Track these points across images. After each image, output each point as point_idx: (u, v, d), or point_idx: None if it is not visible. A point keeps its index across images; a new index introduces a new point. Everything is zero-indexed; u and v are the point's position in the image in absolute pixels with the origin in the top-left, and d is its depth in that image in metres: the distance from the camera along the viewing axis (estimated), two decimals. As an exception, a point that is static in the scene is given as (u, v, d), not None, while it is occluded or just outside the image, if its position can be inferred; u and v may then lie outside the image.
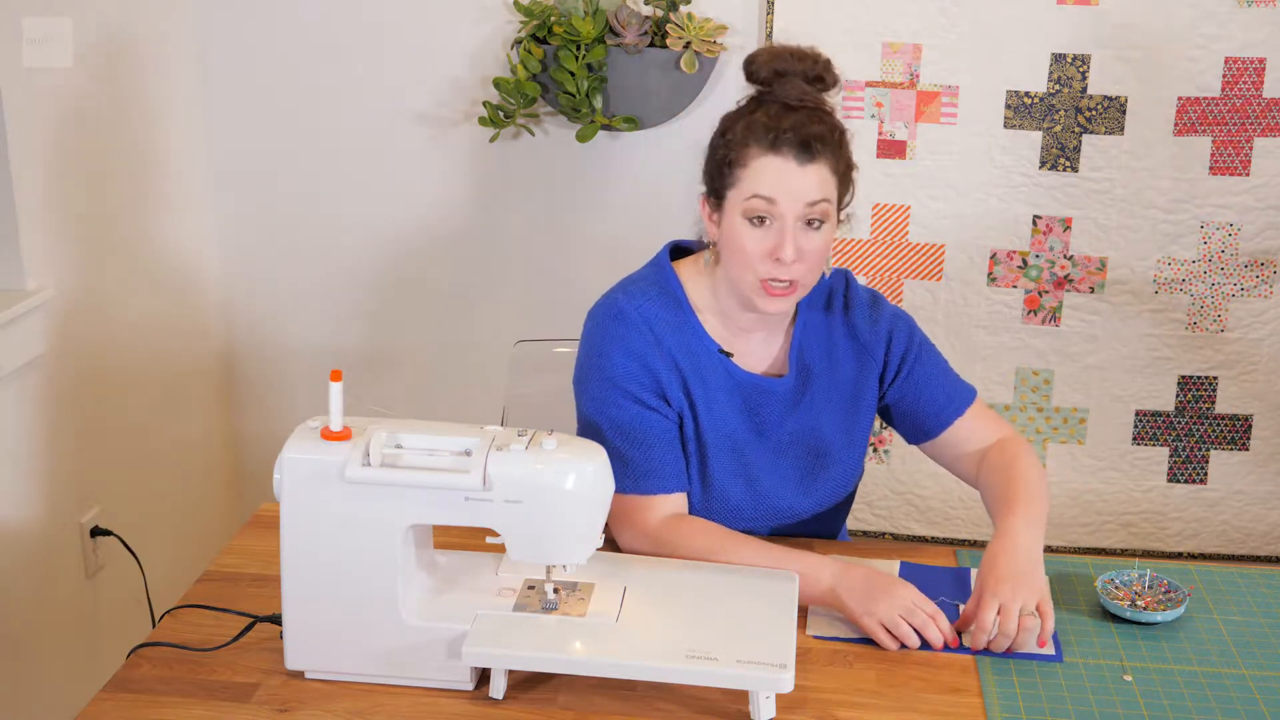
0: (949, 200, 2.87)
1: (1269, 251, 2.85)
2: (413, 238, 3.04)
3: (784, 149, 1.74)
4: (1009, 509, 1.77)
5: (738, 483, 1.88)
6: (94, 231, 2.59)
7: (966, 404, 1.94)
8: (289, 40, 2.94)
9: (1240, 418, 2.95)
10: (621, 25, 2.72)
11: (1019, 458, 1.87)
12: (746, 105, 1.82)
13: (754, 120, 1.77)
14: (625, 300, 1.87)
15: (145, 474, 2.81)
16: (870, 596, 1.67)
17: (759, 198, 1.75)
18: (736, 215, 1.78)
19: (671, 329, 1.86)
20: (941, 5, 2.78)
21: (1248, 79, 2.76)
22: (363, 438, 1.53)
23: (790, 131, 1.74)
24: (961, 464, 1.95)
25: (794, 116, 1.76)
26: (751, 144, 1.76)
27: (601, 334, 1.86)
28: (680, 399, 1.85)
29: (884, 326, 1.94)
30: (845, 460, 1.94)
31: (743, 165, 1.76)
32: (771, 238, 1.76)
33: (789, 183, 1.74)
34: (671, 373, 1.85)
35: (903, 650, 1.67)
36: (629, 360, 1.83)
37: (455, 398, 3.11)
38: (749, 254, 1.77)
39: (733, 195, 1.78)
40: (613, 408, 1.83)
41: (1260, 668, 1.66)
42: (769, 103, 1.79)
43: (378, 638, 1.56)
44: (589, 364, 1.87)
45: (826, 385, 1.92)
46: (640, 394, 1.83)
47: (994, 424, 1.95)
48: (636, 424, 1.83)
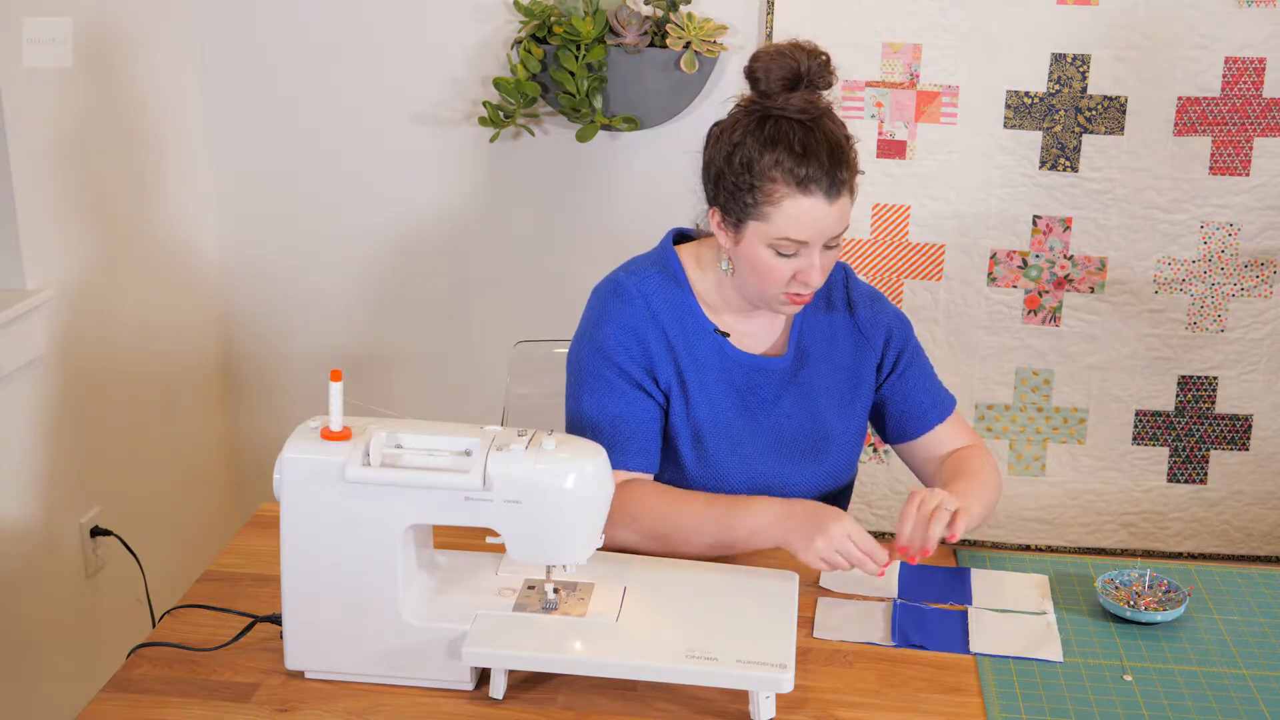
0: (949, 200, 2.87)
1: (1269, 251, 2.85)
2: (413, 237, 3.04)
3: (812, 188, 1.74)
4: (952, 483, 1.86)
5: (732, 462, 1.89)
6: (94, 232, 2.59)
7: (948, 412, 2.00)
8: (289, 40, 2.94)
9: (1240, 418, 2.95)
10: (621, 25, 2.72)
11: (975, 459, 1.94)
12: (754, 121, 1.78)
13: (778, 154, 1.74)
14: (626, 276, 1.91)
15: (145, 474, 2.81)
16: (809, 535, 1.71)
17: (790, 240, 1.76)
18: (761, 244, 1.78)
19: (669, 307, 1.89)
20: (941, 5, 2.78)
21: (1248, 79, 2.76)
22: (363, 438, 1.53)
23: (818, 170, 1.73)
24: (930, 468, 2.00)
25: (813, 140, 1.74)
26: (779, 182, 1.74)
27: (600, 306, 1.90)
28: (670, 376, 1.87)
29: (884, 321, 1.98)
30: (843, 444, 1.96)
31: (770, 203, 1.75)
32: (799, 263, 1.78)
33: (820, 224, 1.76)
34: (664, 349, 1.87)
35: (902, 649, 1.67)
36: (623, 333, 1.86)
37: (455, 398, 3.11)
38: (777, 278, 1.80)
39: (758, 227, 1.78)
40: (597, 378, 1.86)
41: (1260, 668, 1.66)
42: (783, 124, 1.76)
43: (378, 638, 1.56)
44: (583, 335, 1.91)
45: (825, 370, 1.94)
46: (628, 366, 1.86)
47: (967, 434, 2.02)
48: (617, 396, 1.85)
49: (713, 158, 1.83)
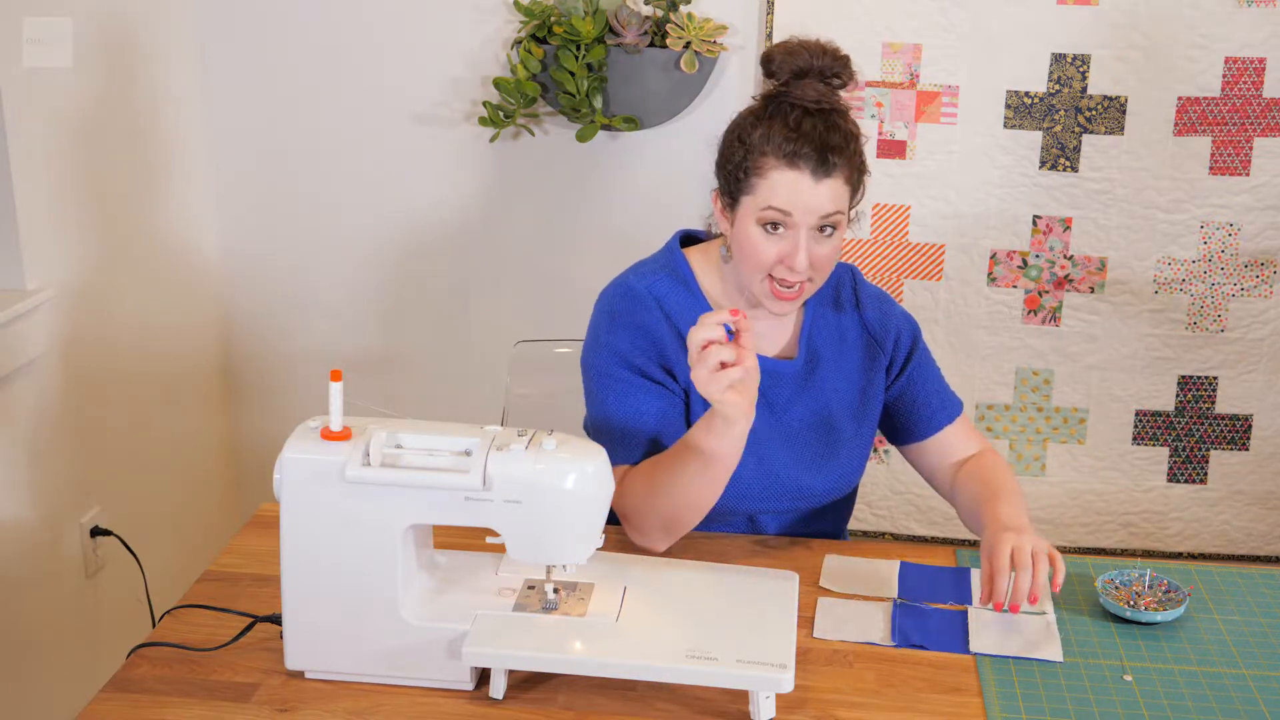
0: (949, 200, 2.87)
1: (1269, 251, 2.85)
2: (413, 238, 3.04)
3: (800, 163, 1.75)
4: (994, 502, 1.82)
5: (748, 461, 1.88)
6: (94, 231, 2.59)
7: (956, 414, 2.00)
8: (289, 40, 2.94)
9: (1240, 418, 2.95)
10: (621, 25, 2.72)
11: (998, 467, 1.93)
12: (762, 106, 1.82)
13: (772, 129, 1.77)
14: (635, 279, 1.91)
15: (145, 474, 2.81)
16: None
17: (774, 209, 1.76)
18: (750, 221, 1.79)
19: (680, 309, 1.88)
20: (941, 5, 2.78)
21: (1248, 79, 2.76)
22: (363, 438, 1.53)
23: (808, 146, 1.74)
24: (940, 473, 2.00)
25: (811, 123, 1.76)
26: (769, 154, 1.76)
27: (611, 309, 1.89)
28: (686, 376, 1.86)
29: (893, 323, 1.98)
30: (854, 445, 1.96)
31: (759, 175, 1.77)
32: (784, 245, 1.78)
33: (804, 197, 1.75)
34: (678, 349, 1.87)
35: (902, 649, 1.67)
36: (636, 333, 1.86)
37: (455, 398, 3.11)
38: (761, 258, 1.79)
39: (747, 202, 1.79)
40: (617, 379, 1.86)
41: (1260, 668, 1.66)
42: (786, 106, 1.78)
43: (378, 638, 1.56)
44: (596, 338, 1.89)
45: (835, 372, 1.94)
46: (645, 365, 1.85)
47: (976, 438, 2.01)
48: (640, 395, 1.85)
49: (721, 143, 1.85)
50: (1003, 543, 1.70)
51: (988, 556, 1.71)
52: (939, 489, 2.01)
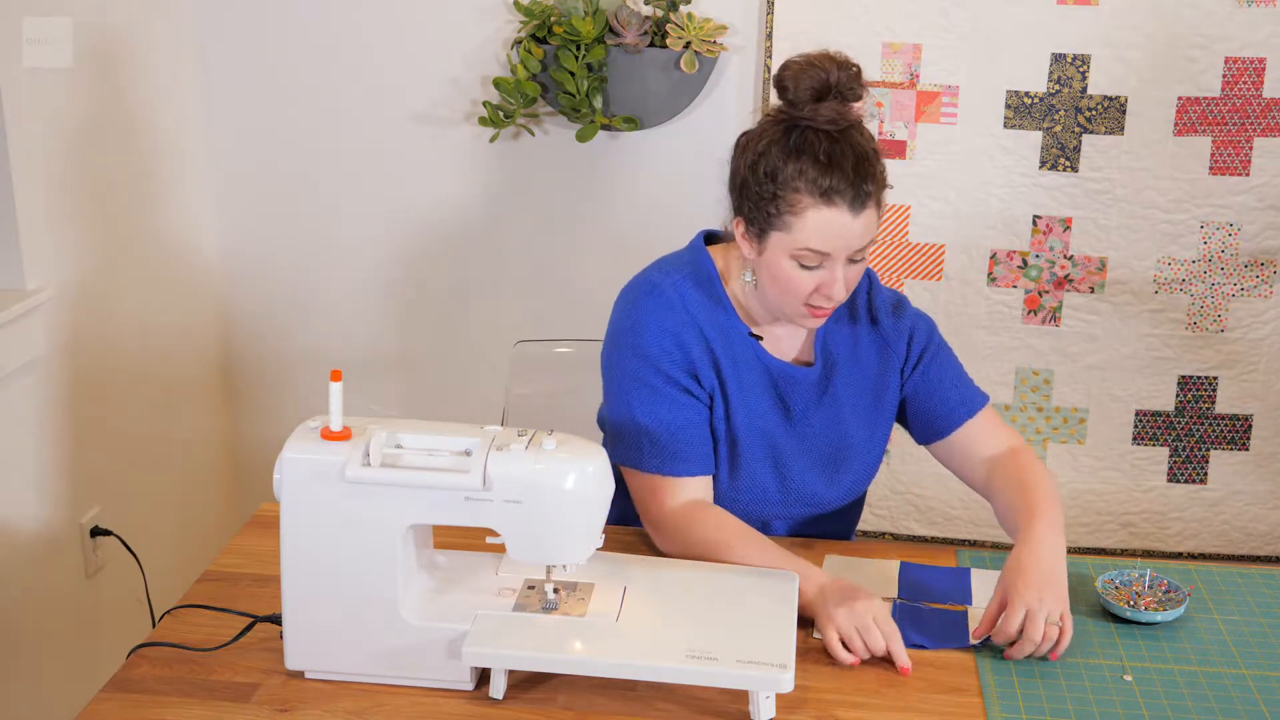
0: (949, 200, 2.87)
1: (1269, 251, 2.85)
2: (413, 238, 3.05)
3: (836, 199, 1.72)
4: (1031, 516, 1.77)
5: (766, 468, 1.88)
6: (94, 232, 2.59)
7: (978, 408, 1.94)
8: (289, 40, 2.94)
9: (1240, 418, 2.95)
10: (621, 25, 2.72)
11: (1033, 468, 1.87)
12: (784, 134, 1.76)
13: (803, 164, 1.73)
14: (661, 277, 1.88)
15: (145, 474, 2.81)
16: (841, 601, 1.65)
17: (812, 251, 1.74)
18: (783, 255, 1.76)
19: (705, 309, 1.86)
20: (941, 5, 2.78)
21: (1248, 79, 2.76)
22: (363, 438, 1.53)
23: (842, 181, 1.72)
24: (969, 469, 1.94)
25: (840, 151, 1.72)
26: (803, 193, 1.73)
27: (636, 309, 1.86)
28: (712, 379, 1.85)
29: (907, 323, 1.95)
30: (866, 456, 1.95)
31: (793, 214, 1.74)
32: (821, 275, 1.76)
33: (844, 236, 1.74)
34: (704, 352, 1.85)
35: None
36: (663, 335, 1.83)
37: (455, 398, 3.11)
38: (798, 291, 1.78)
39: (780, 238, 1.76)
40: (644, 384, 1.83)
41: (1260, 668, 1.66)
42: (811, 135, 1.74)
43: (378, 638, 1.56)
44: (621, 338, 1.86)
45: (849, 380, 1.93)
46: (672, 371, 1.83)
47: (1004, 432, 1.95)
48: (667, 403, 1.83)
49: (738, 167, 1.81)
50: (1018, 605, 1.64)
51: (1000, 600, 1.68)
52: (973, 486, 1.95)
